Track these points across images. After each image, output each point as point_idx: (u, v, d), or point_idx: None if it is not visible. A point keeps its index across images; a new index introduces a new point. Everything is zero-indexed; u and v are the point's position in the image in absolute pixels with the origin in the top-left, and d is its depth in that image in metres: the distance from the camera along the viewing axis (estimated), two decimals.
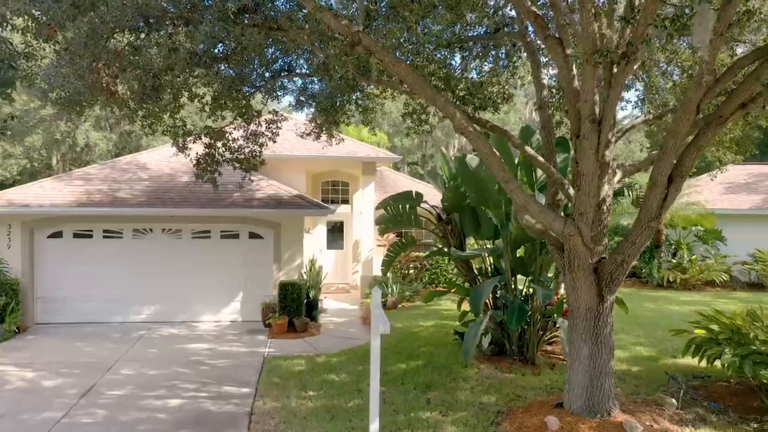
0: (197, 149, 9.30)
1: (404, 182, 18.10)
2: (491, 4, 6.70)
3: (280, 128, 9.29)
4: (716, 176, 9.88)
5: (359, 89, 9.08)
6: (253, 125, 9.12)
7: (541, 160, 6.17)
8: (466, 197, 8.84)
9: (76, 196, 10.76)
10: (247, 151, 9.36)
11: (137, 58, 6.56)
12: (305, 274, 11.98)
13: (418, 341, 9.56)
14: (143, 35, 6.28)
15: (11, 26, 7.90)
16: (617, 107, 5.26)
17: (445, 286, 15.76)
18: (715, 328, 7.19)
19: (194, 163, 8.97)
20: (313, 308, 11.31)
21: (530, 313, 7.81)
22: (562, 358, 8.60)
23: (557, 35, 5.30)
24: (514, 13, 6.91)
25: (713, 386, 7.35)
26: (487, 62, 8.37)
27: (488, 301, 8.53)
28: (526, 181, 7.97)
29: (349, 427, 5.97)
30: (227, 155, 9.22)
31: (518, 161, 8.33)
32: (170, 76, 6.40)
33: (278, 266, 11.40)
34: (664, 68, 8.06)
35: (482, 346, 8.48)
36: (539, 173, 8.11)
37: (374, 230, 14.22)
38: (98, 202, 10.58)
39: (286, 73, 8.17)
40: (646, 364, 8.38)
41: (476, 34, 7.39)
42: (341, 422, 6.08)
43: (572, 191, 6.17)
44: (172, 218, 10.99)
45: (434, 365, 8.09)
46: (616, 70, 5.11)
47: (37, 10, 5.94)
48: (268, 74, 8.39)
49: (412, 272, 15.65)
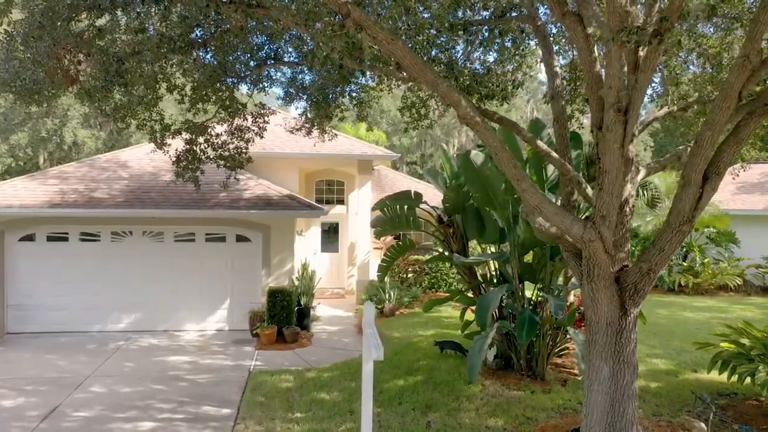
0: (178, 146, 8.68)
1: (403, 182, 17.49)
2: None
3: (267, 123, 8.67)
4: (738, 174, 9.27)
5: (353, 80, 8.47)
6: (238, 119, 8.50)
7: (555, 156, 5.56)
8: (469, 197, 8.23)
9: (49, 196, 10.12)
10: (231, 147, 8.73)
11: (102, 42, 5.95)
12: (297, 279, 11.36)
13: (417, 353, 8.95)
14: (108, 15, 5.65)
15: None
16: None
17: (446, 292, 15.18)
18: (746, 342, 6.60)
19: (173, 160, 8.34)
20: (304, 316, 10.69)
21: (540, 324, 7.20)
22: (574, 372, 8.00)
23: (577, 12, 4.69)
24: None
25: (742, 405, 6.75)
26: (491, 51, 7.76)
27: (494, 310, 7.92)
28: (536, 180, 7.37)
29: None
30: (210, 152, 8.60)
31: (526, 158, 7.73)
32: (137, 61, 5.76)
33: (267, 271, 10.78)
34: (684, 56, 7.46)
35: (487, 359, 7.88)
36: (550, 171, 7.50)
37: (371, 232, 13.60)
38: (72, 202, 9.94)
39: (272, 61, 7.55)
40: (665, 379, 7.78)
41: (481, 18, 6.77)
42: None
43: (590, 191, 5.57)
44: (152, 220, 10.37)
45: (435, 381, 7.47)
46: (642, 52, 4.51)
47: None
48: (253, 63, 7.78)
49: (410, 276, 15.03)
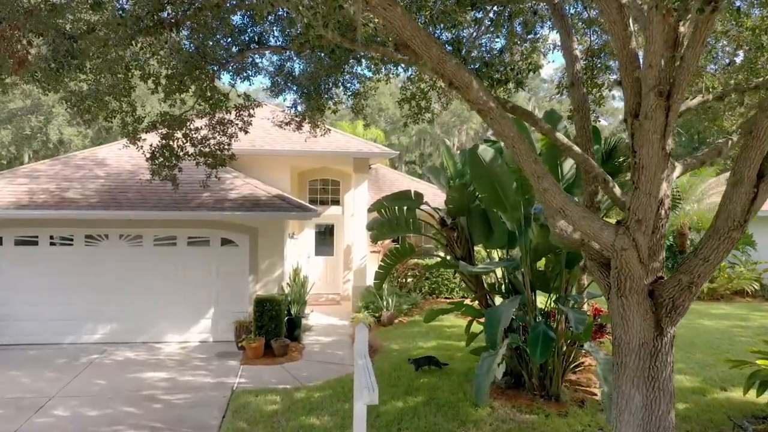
0: (157, 141, 8.00)
1: (402, 181, 16.81)
2: None
3: (252, 116, 7.99)
4: None
5: (347, 67, 7.79)
6: (219, 112, 7.81)
7: (577, 150, 4.88)
8: (475, 198, 7.56)
9: (17, 196, 9.41)
10: (213, 143, 8.05)
11: (59, 20, 5.26)
12: (287, 286, 10.68)
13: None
14: None
15: None
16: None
17: (447, 297, 14.51)
18: None
19: (147, 157, 7.65)
20: (295, 326, 10.00)
21: (555, 339, 6.52)
22: (591, 390, 7.33)
23: None
24: None
25: None
26: (500, 35, 7.08)
27: None
28: None
29: None
30: (189, 148, 7.91)
31: (539, 152, 7.06)
32: (97, 42, 5.07)
33: (255, 278, 10.08)
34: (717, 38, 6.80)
35: (495, 377, 7.19)
36: (566, 168, 6.83)
37: (367, 235, 12.92)
38: (42, 203, 9.23)
39: (256, 45, 6.85)
40: (693, 399, 7.12)
41: None
42: None
43: (618, 190, 4.89)
44: (130, 222, 9.66)
45: (437, 403, 6.79)
46: (683, 28, 3.84)
47: None
48: (235, 48, 7.09)
49: (410, 281, 14.35)
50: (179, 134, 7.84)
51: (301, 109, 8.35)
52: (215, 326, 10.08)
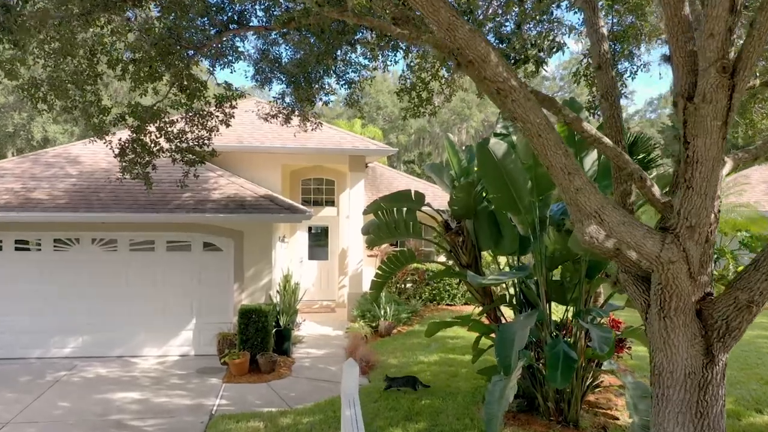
0: (127, 136, 7.30)
1: (401, 180, 16.11)
2: None
3: (235, 107, 7.29)
4: None
5: (338, 54, 7.10)
6: (198, 102, 7.11)
7: (608, 143, 4.17)
8: (483, 198, 6.87)
9: None
10: (191, 137, 7.35)
11: None
12: (276, 294, 9.97)
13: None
14: None
15: None
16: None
17: (450, 304, 13.81)
18: None
19: (116, 153, 6.94)
20: (284, 339, 9.29)
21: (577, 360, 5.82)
22: (612, 414, 6.63)
23: None
24: None
25: None
26: (509, 17, 6.39)
27: None
28: None
29: None
30: (164, 143, 7.21)
31: None
32: (32, 14, 4.36)
33: (240, 286, 9.36)
34: None
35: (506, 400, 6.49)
36: (587, 164, 6.13)
37: (364, 238, 12.22)
38: (4, 204, 8.50)
39: (235, 26, 6.15)
40: (727, 424, 6.40)
41: None
42: None
43: (657, 190, 4.20)
44: (103, 225, 8.94)
45: (442, 430, 6.08)
46: None
47: None
48: (213, 30, 6.38)
49: (409, 287, 13.65)
50: (152, 128, 7.15)
51: (289, 100, 7.66)
52: (197, 339, 9.36)
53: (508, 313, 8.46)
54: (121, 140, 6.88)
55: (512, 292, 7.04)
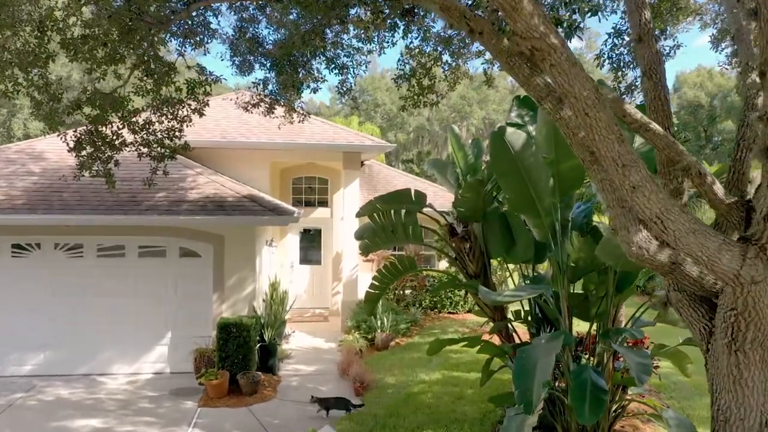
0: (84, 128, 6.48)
1: (399, 179, 15.30)
2: None
3: (209, 94, 6.47)
4: None
5: (329, 34, 6.31)
6: (166, 89, 6.30)
7: (658, 130, 3.38)
8: (493, 199, 6.08)
9: None
10: (159, 129, 6.54)
11: None
12: (262, 305, 9.16)
13: (418, 412, 6.76)
14: None
15: None
16: None
17: (452, 312, 13.00)
18: None
19: (71, 146, 6.13)
20: (270, 354, 8.47)
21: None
22: None
23: None
24: None
25: None
26: None
27: None
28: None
29: None
30: (127, 135, 6.40)
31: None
32: None
33: (220, 296, 8.54)
34: None
35: None
36: None
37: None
38: None
39: None
40: None
41: None
42: None
43: (720, 189, 3.41)
44: (68, 228, 8.12)
45: None
46: None
47: None
48: (180, 3, 5.58)
49: (408, 294, 12.84)
50: (115, 117, 6.33)
51: (272, 87, 6.86)
52: (172, 354, 8.53)
53: (520, 328, 7.66)
54: (76, 131, 6.07)
55: (526, 306, 6.23)
